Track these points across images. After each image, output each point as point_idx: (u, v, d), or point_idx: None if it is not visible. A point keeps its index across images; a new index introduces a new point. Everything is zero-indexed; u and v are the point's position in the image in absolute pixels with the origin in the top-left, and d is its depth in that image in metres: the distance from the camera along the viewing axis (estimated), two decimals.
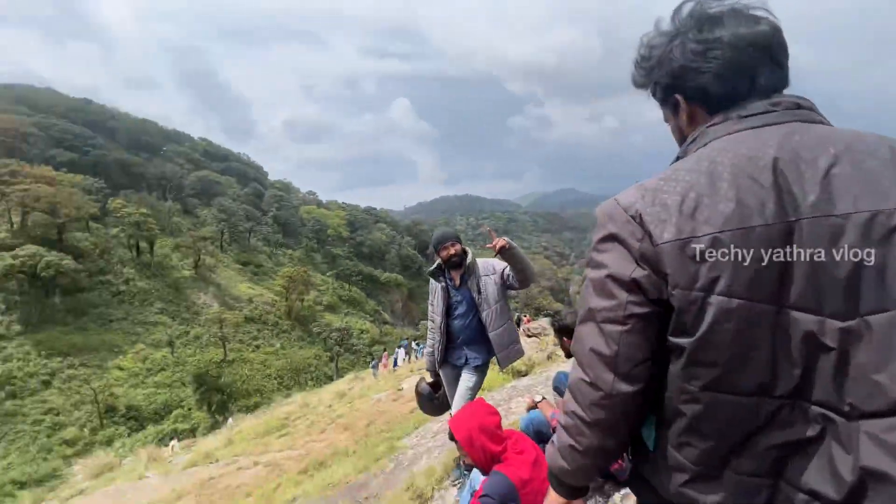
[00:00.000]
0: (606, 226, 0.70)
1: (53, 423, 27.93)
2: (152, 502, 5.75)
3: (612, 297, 0.67)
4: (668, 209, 0.64)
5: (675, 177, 0.67)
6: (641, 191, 0.69)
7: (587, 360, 0.71)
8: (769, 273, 0.59)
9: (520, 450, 1.66)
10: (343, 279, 65.23)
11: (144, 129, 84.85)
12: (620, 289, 0.67)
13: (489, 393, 5.32)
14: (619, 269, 0.67)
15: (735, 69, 0.69)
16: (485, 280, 2.64)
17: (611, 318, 0.67)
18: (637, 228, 0.66)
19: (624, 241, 0.67)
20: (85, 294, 38.54)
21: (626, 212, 0.68)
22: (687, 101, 0.75)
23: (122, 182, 58.26)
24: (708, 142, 0.69)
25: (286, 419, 10.48)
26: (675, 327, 0.64)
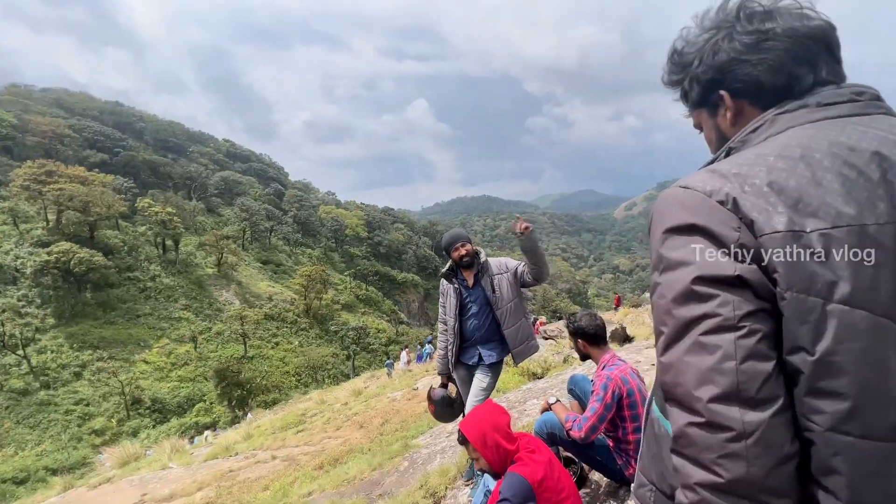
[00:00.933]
0: (679, 215, 0.58)
1: (83, 413, 29.11)
2: (174, 492, 5.92)
3: (712, 298, 0.53)
4: (767, 197, 0.54)
5: (760, 162, 0.58)
6: (720, 175, 0.59)
7: (692, 392, 0.52)
8: (886, 281, 0.50)
9: (532, 449, 1.65)
10: (360, 278, 65.93)
11: (171, 131, 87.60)
12: (721, 287, 0.53)
13: (504, 394, 5.30)
14: (712, 265, 0.54)
15: (794, 60, 0.64)
16: (498, 278, 2.65)
17: (716, 325, 0.52)
18: (730, 216, 0.55)
19: (713, 232, 0.55)
20: (114, 290, 40.03)
21: (710, 196, 0.57)
22: (733, 97, 0.69)
23: (150, 182, 60.34)
24: (783, 130, 0.62)
25: (303, 415, 10.65)
26: (789, 343, 0.52)
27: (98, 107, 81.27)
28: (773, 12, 0.66)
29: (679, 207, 0.59)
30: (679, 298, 0.55)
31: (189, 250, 50.74)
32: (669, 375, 0.55)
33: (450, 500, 2.75)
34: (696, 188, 0.59)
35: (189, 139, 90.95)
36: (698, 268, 0.54)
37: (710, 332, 0.52)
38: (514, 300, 2.65)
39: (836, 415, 0.49)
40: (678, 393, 0.54)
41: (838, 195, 0.53)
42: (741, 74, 0.67)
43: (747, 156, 0.60)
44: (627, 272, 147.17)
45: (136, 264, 44.24)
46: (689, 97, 0.76)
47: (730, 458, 0.49)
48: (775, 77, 0.65)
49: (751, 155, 0.60)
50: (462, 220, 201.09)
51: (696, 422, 0.52)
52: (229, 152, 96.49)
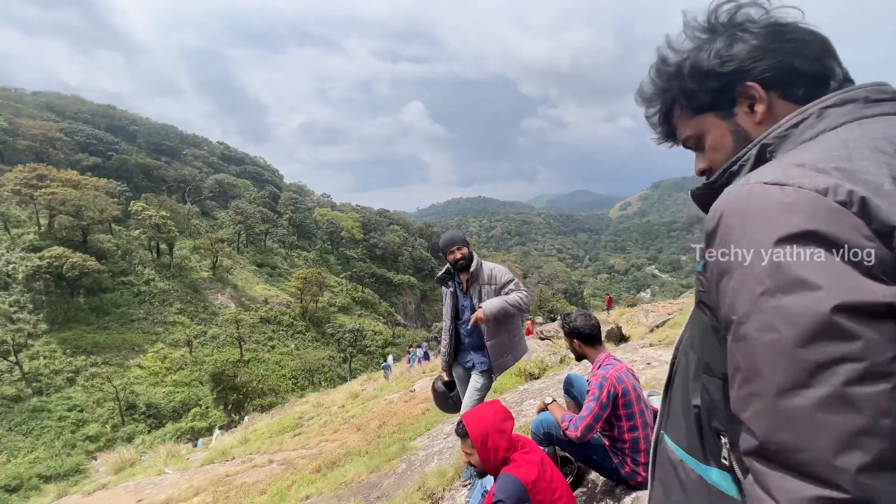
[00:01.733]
0: (790, 220, 0.45)
1: (77, 419, 28.81)
2: (170, 497, 5.89)
3: (853, 338, 0.41)
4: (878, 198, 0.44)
5: (858, 156, 0.48)
6: (818, 170, 0.47)
7: (831, 462, 0.40)
8: None
9: (526, 450, 1.67)
10: (356, 281, 65.78)
11: (165, 134, 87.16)
12: (867, 321, 0.41)
13: (501, 395, 5.32)
14: (855, 289, 0.42)
15: (824, 50, 0.60)
16: (486, 290, 2.66)
17: (864, 371, 0.40)
18: (859, 222, 0.44)
19: (843, 244, 0.43)
20: (108, 294, 39.69)
21: (826, 195, 0.45)
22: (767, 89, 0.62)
23: (144, 185, 59.97)
24: (837, 125, 0.55)
25: (300, 419, 10.61)
26: None
27: (90, 110, 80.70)
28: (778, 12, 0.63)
29: (784, 210, 0.46)
30: (809, 334, 0.42)
31: (183, 254, 50.43)
32: (788, 435, 0.42)
33: (447, 502, 2.76)
34: (804, 185, 0.46)
35: (183, 142, 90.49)
36: (837, 293, 0.42)
37: (854, 383, 0.40)
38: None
39: None
40: (803, 459, 0.42)
41: None
42: (772, 63, 0.61)
43: (820, 151, 0.51)
44: (623, 272, 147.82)
45: (130, 268, 43.90)
46: (691, 103, 0.68)
47: None
48: (812, 65, 0.60)
49: (825, 147, 0.51)
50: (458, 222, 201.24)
51: (835, 498, 0.40)
52: (224, 155, 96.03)
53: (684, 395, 0.66)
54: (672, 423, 0.69)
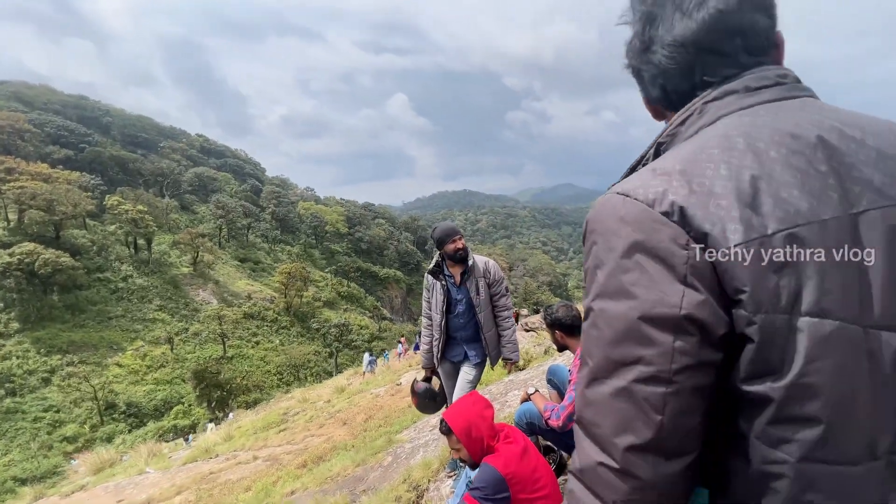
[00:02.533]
0: (621, 231, 0.50)
1: (53, 420, 28.04)
2: (152, 497, 5.79)
3: (648, 344, 0.46)
4: (720, 199, 0.47)
5: (704, 157, 0.50)
6: (664, 176, 0.51)
7: (611, 438, 0.48)
8: (851, 282, 0.45)
9: (509, 440, 1.68)
10: (342, 275, 65.28)
11: (141, 126, 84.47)
12: (661, 329, 0.46)
13: (486, 386, 5.36)
14: (658, 299, 0.46)
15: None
16: (482, 282, 2.68)
17: (650, 375, 0.46)
18: (678, 231, 0.47)
19: (659, 253, 0.47)
20: (83, 291, 38.53)
21: (652, 207, 0.48)
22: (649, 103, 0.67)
23: (119, 179, 58.12)
24: (714, 120, 0.56)
25: (285, 414, 10.54)
26: (753, 369, 0.46)
27: (61, 100, 77.51)
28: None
29: (619, 221, 0.50)
30: (618, 336, 0.48)
31: (162, 249, 49.22)
32: (589, 412, 0.51)
33: (433, 493, 2.77)
34: (638, 196, 0.50)
35: (160, 134, 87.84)
36: (642, 304, 0.47)
37: (640, 382, 0.47)
38: (490, 308, 2.70)
39: (807, 443, 0.44)
40: (595, 433, 0.50)
41: (793, 188, 0.47)
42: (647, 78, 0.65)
43: (687, 149, 0.53)
44: None
45: (107, 265, 42.67)
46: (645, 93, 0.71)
47: (633, 502, 0.48)
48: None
49: (691, 148, 0.53)
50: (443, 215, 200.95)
51: (608, 465, 0.49)
52: (203, 148, 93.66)
53: None
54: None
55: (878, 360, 0.44)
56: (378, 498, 2.96)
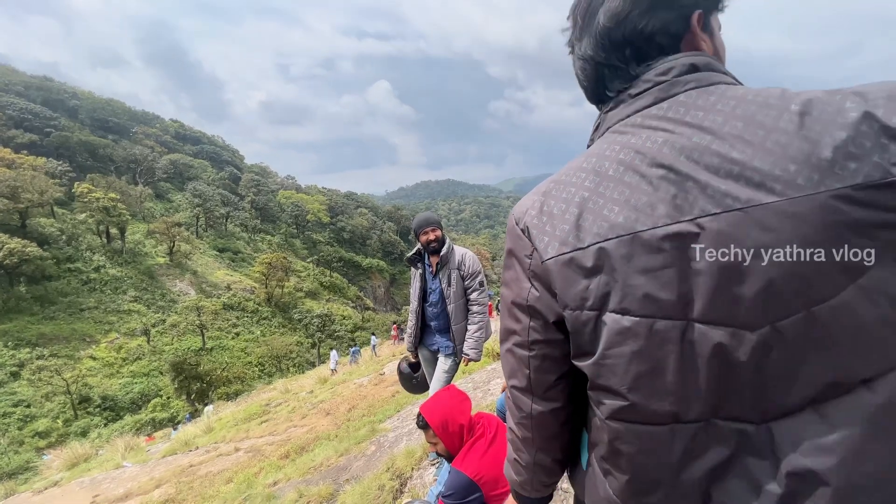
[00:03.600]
0: (508, 239, 0.65)
1: (24, 414, 27.11)
2: (130, 491, 5.68)
3: (517, 321, 0.64)
4: (554, 219, 0.59)
5: (565, 178, 0.61)
6: (536, 196, 0.63)
7: (508, 380, 0.69)
8: (667, 284, 0.50)
9: (480, 433, 1.70)
10: (324, 265, 64.56)
11: (111, 110, 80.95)
12: (522, 312, 0.63)
13: (469, 375, 5.42)
14: (517, 290, 0.63)
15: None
16: (455, 274, 2.67)
17: (519, 342, 0.65)
18: (527, 244, 0.61)
19: (519, 259, 0.63)
20: (53, 282, 37.10)
21: (517, 225, 0.63)
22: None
23: (89, 165, 55.80)
24: (604, 131, 0.62)
25: (267, 405, 10.45)
26: (574, 350, 0.59)
27: (23, 81, 73.39)
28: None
29: (508, 231, 0.65)
30: (505, 312, 0.67)
31: (137, 239, 47.65)
32: (502, 363, 0.71)
33: (416, 481, 2.80)
34: (515, 212, 0.65)
35: (131, 119, 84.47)
36: (512, 293, 0.64)
37: (516, 346, 0.65)
38: (462, 300, 2.68)
39: (613, 406, 0.55)
40: (505, 376, 0.70)
41: (616, 205, 0.53)
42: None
43: (568, 166, 0.63)
44: None
45: (77, 255, 41.09)
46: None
47: (519, 426, 0.70)
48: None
49: (567, 168, 0.63)
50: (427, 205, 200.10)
51: (510, 398, 0.70)
52: (178, 134, 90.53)
53: None
54: None
55: (693, 348, 0.49)
56: (361, 487, 2.97)
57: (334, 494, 3.24)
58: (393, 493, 2.76)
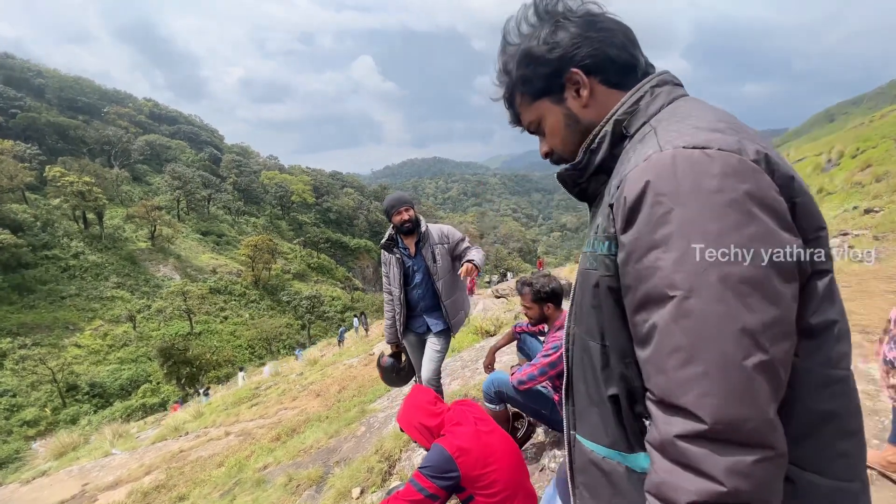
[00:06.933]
0: (721, 187, 0.46)
1: (10, 404, 26.76)
2: (119, 479, 5.65)
3: (779, 300, 0.45)
4: (770, 148, 0.50)
5: (724, 119, 0.54)
6: (718, 132, 0.50)
7: (766, 413, 0.44)
8: None
9: (457, 421, 1.69)
10: (311, 246, 63.84)
11: (79, 88, 77.12)
12: (786, 284, 0.46)
13: (458, 353, 5.43)
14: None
15: (629, 40, 0.67)
16: (439, 248, 2.60)
17: (775, 334, 0.45)
18: (769, 179, 0.47)
19: (765, 203, 0.46)
20: (30, 270, 36.07)
21: (742, 156, 0.47)
22: (587, 74, 0.66)
23: (59, 147, 53.46)
24: (671, 101, 0.62)
25: (257, 388, 10.44)
26: (820, 300, 0.51)
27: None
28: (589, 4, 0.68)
29: (715, 175, 0.46)
30: (750, 300, 0.45)
31: (116, 223, 46.32)
32: (738, 407, 0.44)
33: (405, 462, 2.80)
34: (722, 146, 0.48)
35: (102, 98, 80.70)
36: (772, 257, 0.45)
37: (776, 342, 0.45)
38: (451, 273, 2.63)
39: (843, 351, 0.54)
40: (750, 428, 0.45)
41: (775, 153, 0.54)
42: (589, 51, 0.65)
43: (695, 114, 0.56)
44: (574, 229, 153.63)
45: (54, 241, 39.86)
46: (528, 89, 0.70)
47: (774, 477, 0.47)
48: (622, 53, 0.66)
49: (699, 112, 0.57)
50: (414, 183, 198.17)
51: (769, 457, 0.45)
52: (152, 113, 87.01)
53: (594, 389, 0.63)
54: (584, 421, 0.66)
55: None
56: (350, 470, 2.97)
57: (324, 477, 3.25)
58: (382, 474, 2.76)
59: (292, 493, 3.18)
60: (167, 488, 5.09)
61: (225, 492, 4.03)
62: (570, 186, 0.71)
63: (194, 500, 4.37)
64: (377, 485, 2.69)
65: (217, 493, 4.13)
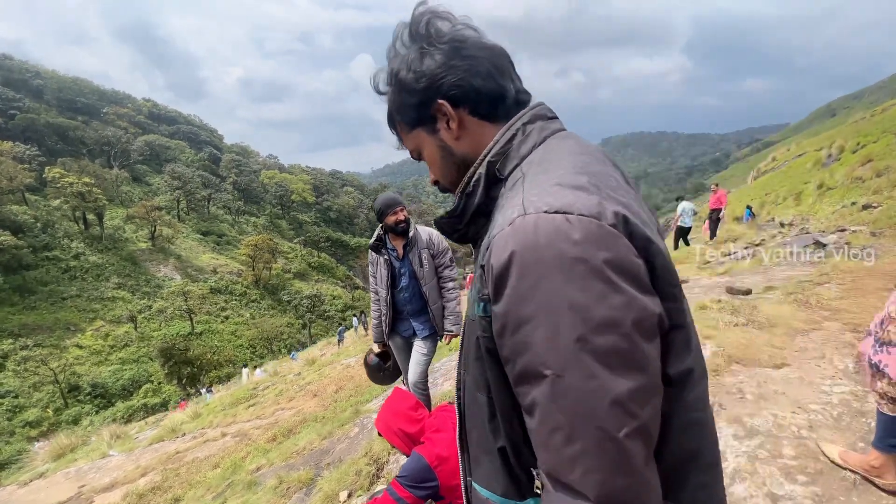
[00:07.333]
0: (583, 254, 0.45)
1: (12, 405, 26.90)
2: (115, 480, 5.65)
3: (645, 365, 0.45)
4: (632, 206, 0.51)
5: (588, 170, 0.53)
6: (580, 190, 0.49)
7: (649, 490, 0.46)
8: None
9: (437, 428, 1.66)
10: (311, 246, 63.91)
11: (78, 89, 77.13)
12: (652, 343, 0.46)
13: (454, 353, 5.42)
14: (643, 316, 0.45)
15: (496, 69, 0.63)
16: (426, 254, 2.59)
17: (643, 393, 0.45)
18: (628, 242, 0.47)
19: (624, 269, 0.45)
20: (31, 271, 36.21)
21: (601, 220, 0.46)
22: (453, 106, 0.63)
23: (59, 148, 53.55)
24: (542, 140, 0.61)
25: (255, 389, 10.45)
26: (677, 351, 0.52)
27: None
28: (457, 30, 0.64)
29: (577, 244, 0.45)
30: (622, 370, 0.45)
31: (116, 224, 46.44)
32: (623, 479, 0.46)
33: (393, 465, 2.79)
34: (582, 211, 0.47)
35: (101, 99, 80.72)
36: (635, 324, 0.45)
37: (645, 406, 0.46)
38: (434, 280, 2.62)
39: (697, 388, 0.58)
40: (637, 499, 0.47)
41: (630, 190, 0.57)
42: (454, 80, 0.62)
43: (562, 163, 0.55)
44: None
45: (55, 242, 39.98)
46: (404, 118, 0.67)
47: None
48: (487, 83, 0.63)
49: (568, 161, 0.55)
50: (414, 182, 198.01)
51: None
52: (152, 113, 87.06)
53: (484, 438, 0.62)
54: (478, 468, 0.65)
55: None
56: (339, 472, 2.95)
57: (314, 480, 3.23)
58: (370, 478, 2.75)
59: (282, 495, 3.17)
60: (162, 490, 5.09)
61: (217, 494, 4.03)
62: (449, 233, 0.68)
63: (188, 502, 4.36)
64: (364, 488, 2.67)
65: (210, 496, 4.12)
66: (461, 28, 0.65)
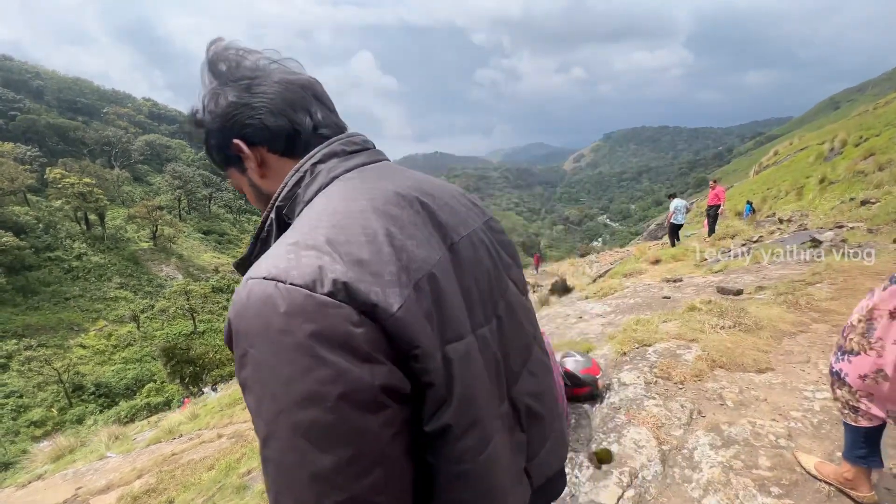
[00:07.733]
0: (286, 327, 0.43)
1: (17, 405, 27.13)
2: (111, 482, 5.69)
3: (353, 441, 0.44)
4: (373, 263, 0.48)
5: (339, 223, 0.51)
6: (311, 250, 0.47)
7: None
8: (461, 302, 0.56)
9: None
10: None
11: (78, 89, 77.29)
12: (372, 414, 0.44)
13: None
14: (352, 385, 0.43)
15: (288, 104, 0.62)
16: None
17: (361, 469, 0.44)
18: (348, 310, 0.44)
19: (336, 340, 0.43)
20: (33, 272, 36.39)
21: (315, 290, 0.44)
22: (249, 145, 0.62)
23: (60, 149, 53.73)
24: (329, 181, 0.59)
25: None
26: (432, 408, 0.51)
27: None
28: (258, 63, 0.63)
29: (282, 317, 0.43)
30: (325, 445, 0.44)
31: (117, 224, 46.59)
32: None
33: None
34: (294, 280, 0.45)
35: (101, 99, 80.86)
36: (342, 399, 0.43)
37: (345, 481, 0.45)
38: None
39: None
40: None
41: (414, 238, 0.54)
42: (244, 119, 0.61)
43: (321, 213, 0.53)
44: (577, 222, 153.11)
45: (57, 243, 40.15)
46: (213, 159, 0.66)
47: None
48: (277, 119, 0.61)
49: (321, 213, 0.53)
50: None
51: None
52: (152, 113, 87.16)
53: None
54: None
55: (487, 350, 0.58)
56: None
57: None
58: None
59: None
60: (157, 492, 5.12)
61: (207, 498, 4.04)
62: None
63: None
64: None
65: (200, 499, 4.14)
66: (263, 62, 0.63)
